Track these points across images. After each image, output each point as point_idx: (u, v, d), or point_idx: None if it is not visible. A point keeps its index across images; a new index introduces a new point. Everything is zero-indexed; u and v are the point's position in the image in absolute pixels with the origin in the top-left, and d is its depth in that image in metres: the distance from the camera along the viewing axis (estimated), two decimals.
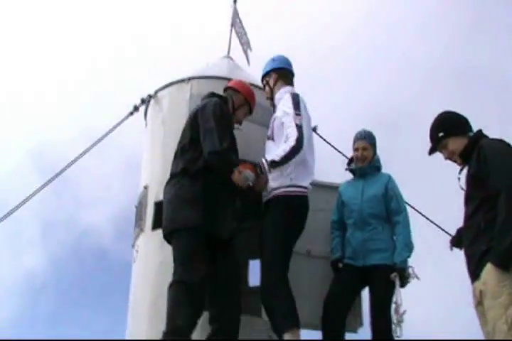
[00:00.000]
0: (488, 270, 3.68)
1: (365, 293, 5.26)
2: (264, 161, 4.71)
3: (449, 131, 4.17)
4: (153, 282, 5.15)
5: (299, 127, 4.75)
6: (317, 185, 5.28)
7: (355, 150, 5.50)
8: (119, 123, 6.04)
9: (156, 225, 5.34)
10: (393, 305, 4.98)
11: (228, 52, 6.56)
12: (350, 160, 5.65)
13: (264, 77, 5.35)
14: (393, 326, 4.92)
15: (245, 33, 6.86)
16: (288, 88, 5.17)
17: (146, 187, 5.61)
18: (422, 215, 6.39)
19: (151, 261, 5.25)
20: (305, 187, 4.84)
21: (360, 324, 5.30)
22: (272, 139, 4.98)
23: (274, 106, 5.20)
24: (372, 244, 5.16)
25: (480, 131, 4.16)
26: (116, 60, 15.89)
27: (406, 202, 5.56)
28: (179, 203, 4.63)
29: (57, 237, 15.91)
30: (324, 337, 5.00)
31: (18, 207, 5.46)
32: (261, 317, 4.99)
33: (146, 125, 6.11)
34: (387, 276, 5.05)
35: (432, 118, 4.30)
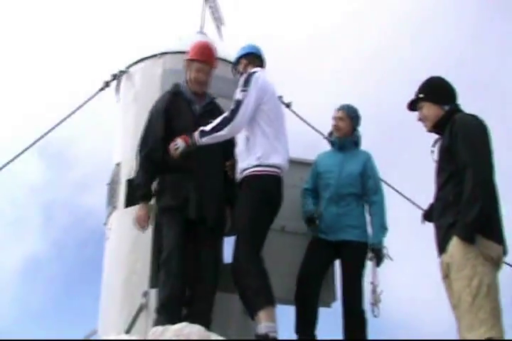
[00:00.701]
0: (454, 243, 3.74)
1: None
2: (195, 132, 4.68)
3: (429, 95, 4.20)
4: (126, 260, 5.13)
5: (238, 101, 4.69)
6: (291, 161, 5.25)
7: (333, 119, 5.49)
8: (89, 99, 5.96)
9: (128, 203, 5.30)
10: (370, 286, 5.02)
11: (201, 28, 6.47)
12: (330, 134, 5.61)
13: (234, 65, 5.27)
14: (370, 306, 4.96)
15: (219, 9, 6.78)
16: (252, 70, 5.03)
17: (118, 164, 5.55)
18: (399, 193, 6.42)
19: (124, 238, 5.21)
20: (275, 166, 4.74)
21: (334, 299, 5.30)
22: None
23: None
24: (345, 219, 5.16)
25: (456, 105, 4.19)
26: (87, 36, 15.66)
27: (383, 181, 5.58)
28: None
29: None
30: (297, 312, 5.01)
31: None
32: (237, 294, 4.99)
33: (118, 101, 6.03)
34: (358, 252, 5.09)
35: None
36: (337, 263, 5.25)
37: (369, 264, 5.10)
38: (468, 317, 3.60)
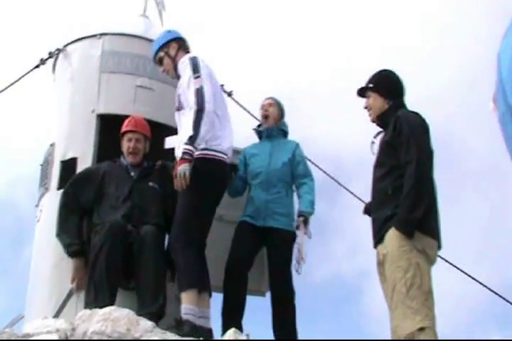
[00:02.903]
0: (391, 235, 3.80)
1: None
2: (185, 145, 4.51)
3: (378, 87, 4.26)
4: (56, 243, 4.98)
5: (198, 90, 4.62)
6: None
7: (261, 108, 5.54)
8: (23, 76, 5.79)
9: (62, 184, 5.17)
10: (296, 246, 5.03)
11: (144, 11, 6.35)
12: (259, 125, 5.65)
13: (161, 48, 5.03)
14: (295, 263, 4.97)
15: None
16: (188, 55, 4.95)
17: (52, 145, 5.40)
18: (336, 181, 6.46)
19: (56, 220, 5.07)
20: (222, 152, 4.69)
21: (268, 288, 5.26)
22: (179, 110, 4.82)
23: (178, 77, 4.95)
24: (275, 206, 5.15)
25: (402, 100, 4.25)
26: (25, 12, 15.18)
27: (317, 166, 5.62)
28: None
29: None
30: (225, 299, 4.96)
31: None
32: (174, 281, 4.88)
33: (54, 80, 5.87)
34: (286, 240, 5.08)
35: None
36: None
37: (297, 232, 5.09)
38: (402, 307, 3.65)
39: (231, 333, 3.50)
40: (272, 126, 5.47)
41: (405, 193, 3.78)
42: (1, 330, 3.72)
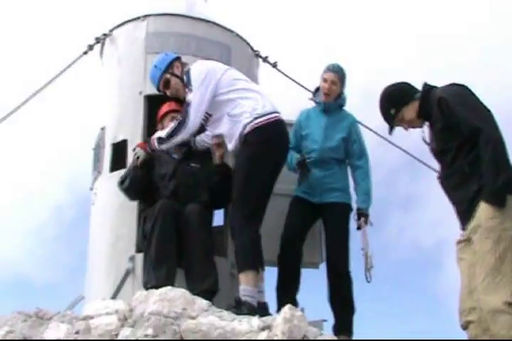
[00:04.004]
0: (482, 207, 3.64)
1: None
2: (154, 138, 4.78)
3: (397, 104, 4.09)
4: (111, 224, 5.10)
5: (187, 104, 4.62)
6: None
7: (324, 80, 5.30)
8: (72, 63, 5.86)
9: (114, 167, 5.26)
10: (362, 252, 5.03)
11: None
12: (316, 91, 5.47)
13: (165, 71, 4.87)
14: (364, 272, 4.98)
15: None
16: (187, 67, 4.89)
17: (103, 129, 5.49)
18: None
19: (110, 203, 5.18)
20: (269, 113, 4.60)
21: (322, 260, 5.32)
22: None
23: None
24: (329, 182, 5.13)
25: (425, 84, 4.09)
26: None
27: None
28: None
29: None
30: (280, 274, 5.01)
31: None
32: (226, 256, 5.00)
33: (102, 65, 5.93)
34: (343, 213, 5.10)
35: None
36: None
37: (353, 228, 5.11)
38: (487, 280, 3.53)
39: (287, 310, 3.51)
40: (331, 101, 5.32)
41: (486, 163, 3.62)
42: (62, 312, 3.84)
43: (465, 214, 3.78)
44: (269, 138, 4.58)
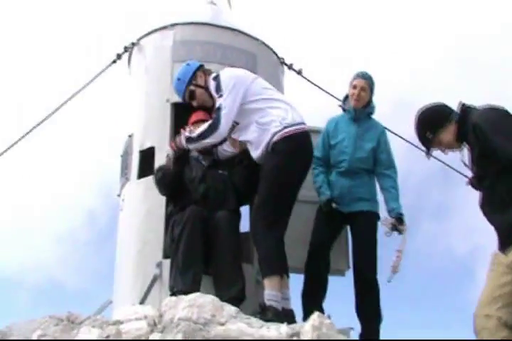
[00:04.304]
0: None
1: None
2: (182, 137, 4.83)
3: (434, 127, 3.98)
4: (139, 230, 5.17)
5: (218, 109, 4.68)
6: None
7: (353, 87, 5.30)
8: (101, 72, 5.96)
9: (141, 174, 5.34)
10: (396, 253, 4.96)
11: None
12: (345, 98, 5.47)
13: (189, 83, 4.95)
14: (391, 270, 4.92)
15: None
16: (211, 76, 4.95)
17: (130, 136, 5.57)
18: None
19: (137, 209, 5.26)
20: (298, 123, 4.67)
21: (348, 267, 5.34)
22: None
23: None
24: (357, 191, 5.15)
25: (462, 105, 4.00)
26: (98, 10, 15.56)
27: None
28: None
29: None
30: (306, 281, 5.05)
31: None
32: (252, 263, 5.03)
33: (130, 73, 6.03)
34: (371, 220, 5.12)
35: None
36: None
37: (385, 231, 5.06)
38: None
39: (315, 317, 3.54)
40: (360, 109, 5.31)
41: None
42: (92, 317, 3.90)
43: (505, 240, 3.70)
44: (297, 148, 4.64)
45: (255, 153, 4.76)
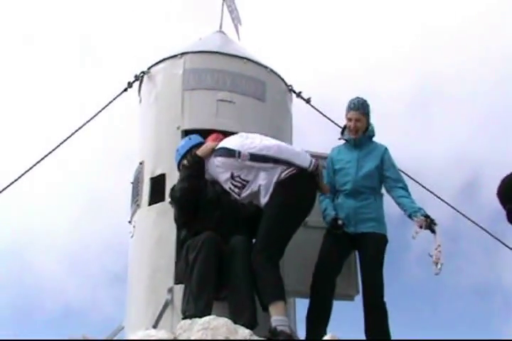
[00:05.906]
0: None
1: None
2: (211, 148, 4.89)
3: None
4: (150, 256, 5.20)
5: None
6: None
7: (349, 120, 5.38)
8: (113, 100, 6.06)
9: (152, 201, 5.39)
10: (437, 247, 4.78)
11: (220, 27, 6.56)
12: (344, 128, 5.53)
13: (183, 157, 5.05)
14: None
15: (236, 8, 6.88)
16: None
17: (141, 163, 5.63)
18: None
19: (148, 236, 5.29)
20: (306, 165, 4.76)
21: (357, 291, 5.32)
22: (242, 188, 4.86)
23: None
24: (364, 212, 5.16)
25: None
26: (108, 38, 15.82)
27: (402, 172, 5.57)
28: None
29: None
30: (311, 305, 5.01)
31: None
32: None
33: (140, 101, 6.11)
34: (378, 242, 5.11)
35: None
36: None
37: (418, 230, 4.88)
38: None
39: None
40: (360, 136, 5.38)
41: None
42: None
43: None
44: (303, 187, 4.74)
45: (263, 200, 4.77)
